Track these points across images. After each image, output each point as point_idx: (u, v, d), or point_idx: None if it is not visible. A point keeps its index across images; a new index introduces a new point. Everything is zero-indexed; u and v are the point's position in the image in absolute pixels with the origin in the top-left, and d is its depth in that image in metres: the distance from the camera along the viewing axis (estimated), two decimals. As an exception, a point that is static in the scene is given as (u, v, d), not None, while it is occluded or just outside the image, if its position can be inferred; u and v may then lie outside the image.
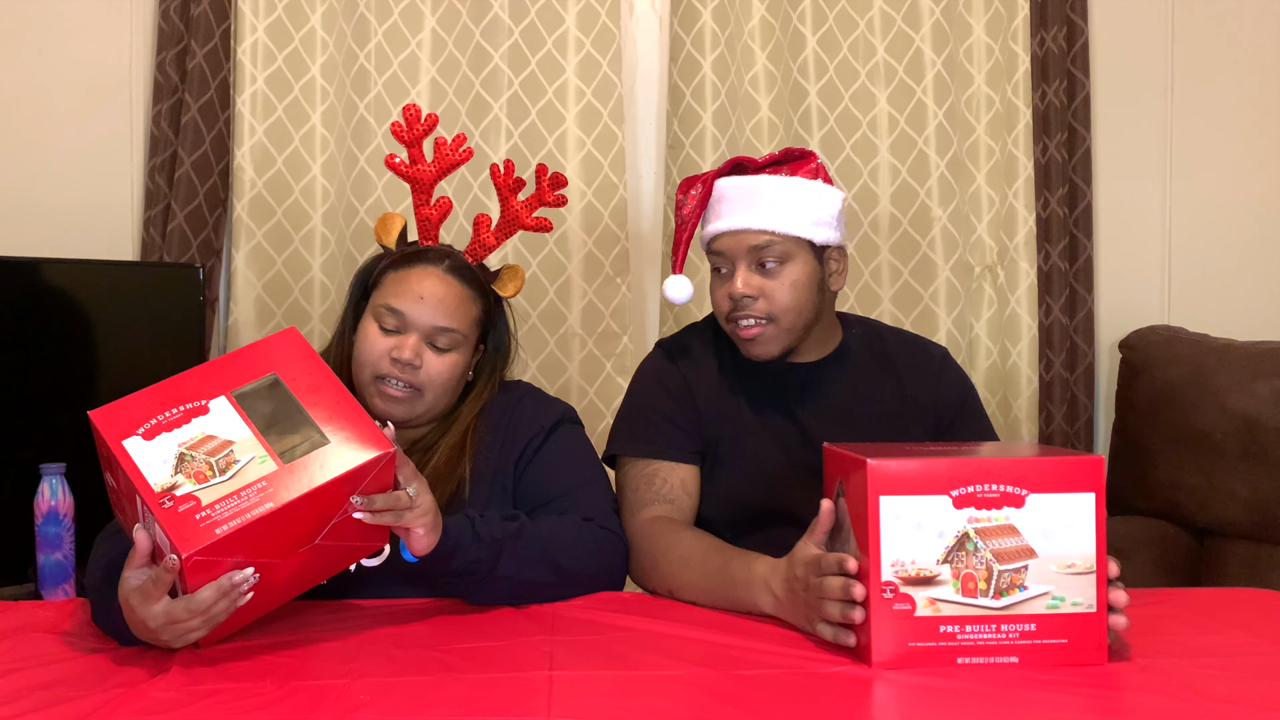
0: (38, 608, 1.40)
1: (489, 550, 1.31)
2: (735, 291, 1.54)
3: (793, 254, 1.55)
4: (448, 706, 1.02)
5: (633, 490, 1.58)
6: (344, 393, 1.20)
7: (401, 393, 1.45)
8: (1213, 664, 1.14)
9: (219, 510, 1.09)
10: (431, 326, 1.46)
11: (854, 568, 1.15)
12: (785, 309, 1.55)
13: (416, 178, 1.54)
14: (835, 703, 1.05)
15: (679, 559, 1.45)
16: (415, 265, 1.50)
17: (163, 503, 1.09)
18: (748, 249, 1.54)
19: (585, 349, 2.44)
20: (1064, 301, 2.59)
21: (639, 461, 1.59)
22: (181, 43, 2.31)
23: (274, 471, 1.12)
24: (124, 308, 2.08)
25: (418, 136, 1.54)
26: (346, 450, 1.15)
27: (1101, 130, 2.65)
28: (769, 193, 1.55)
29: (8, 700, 1.04)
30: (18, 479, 1.75)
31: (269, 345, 1.24)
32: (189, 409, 1.17)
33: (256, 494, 1.10)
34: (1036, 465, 1.14)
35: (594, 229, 2.43)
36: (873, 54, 2.53)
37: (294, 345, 1.24)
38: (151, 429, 1.15)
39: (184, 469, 1.12)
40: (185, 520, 1.08)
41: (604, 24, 2.43)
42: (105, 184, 2.36)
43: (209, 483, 1.11)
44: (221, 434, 1.15)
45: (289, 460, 1.13)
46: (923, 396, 1.65)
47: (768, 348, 1.57)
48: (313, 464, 1.13)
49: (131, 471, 1.11)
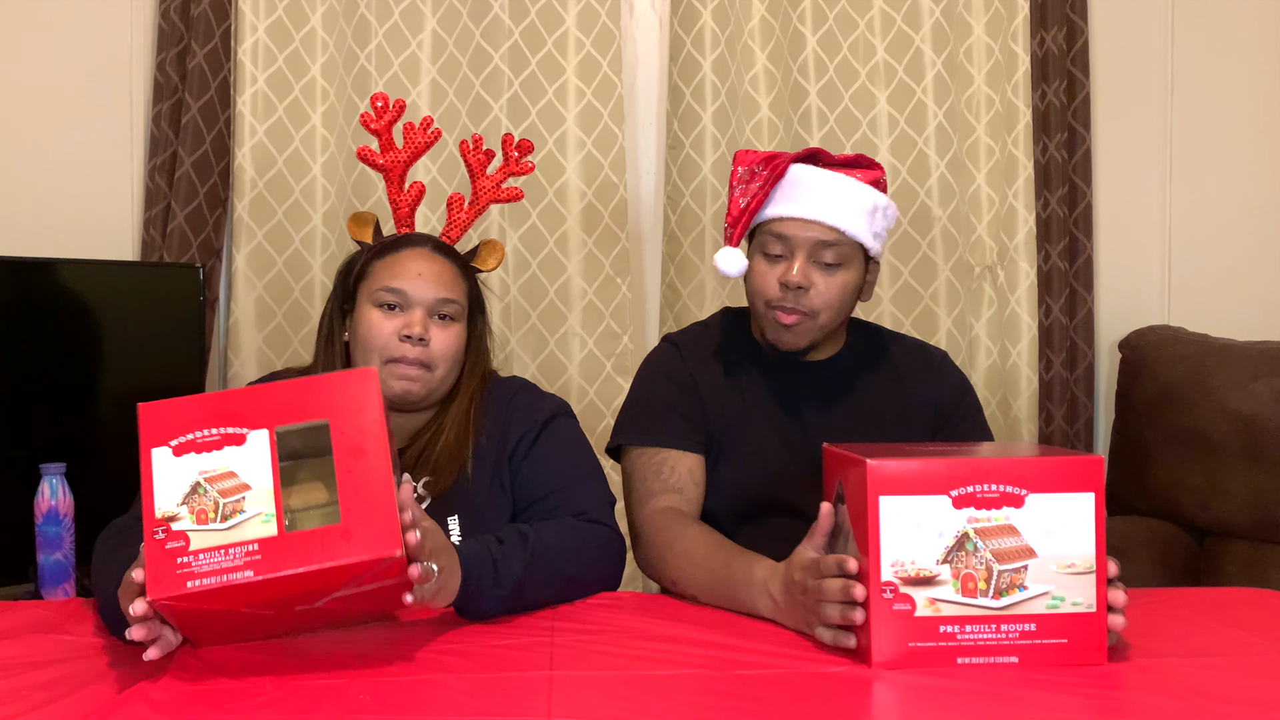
0: (38, 608, 1.40)
1: (510, 591, 1.31)
2: (791, 280, 1.54)
3: (851, 258, 1.57)
4: (448, 706, 1.02)
5: (641, 480, 1.58)
6: (385, 465, 1.10)
7: (415, 369, 1.46)
8: (1213, 664, 1.14)
9: (201, 562, 1.05)
10: (435, 299, 1.48)
11: (854, 568, 1.15)
12: (828, 306, 1.57)
13: (389, 166, 1.56)
14: (835, 703, 1.05)
15: (684, 554, 1.46)
16: (403, 249, 1.51)
17: (155, 532, 1.05)
18: (815, 242, 1.55)
19: (585, 349, 2.44)
20: (1064, 301, 2.59)
21: (647, 450, 1.60)
22: (182, 43, 2.31)
23: (271, 538, 1.06)
24: (124, 308, 2.08)
25: (387, 124, 1.56)
26: (354, 539, 1.07)
27: (1101, 130, 2.65)
28: (845, 192, 1.56)
29: (8, 700, 1.03)
30: (18, 479, 1.75)
31: (343, 382, 1.14)
32: (228, 434, 1.09)
33: (244, 557, 1.05)
34: (1036, 465, 1.14)
35: (594, 229, 2.43)
36: (873, 54, 2.53)
37: (365, 393, 1.13)
38: (183, 445, 1.09)
39: (191, 502, 1.07)
40: (166, 560, 1.04)
41: (604, 24, 2.43)
42: (105, 184, 2.36)
43: (207, 525, 1.06)
44: (244, 474, 1.08)
45: (292, 528, 1.07)
46: (923, 396, 1.67)
47: (799, 339, 1.59)
48: (313, 543, 1.06)
49: (146, 484, 1.08)
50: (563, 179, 2.43)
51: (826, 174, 1.58)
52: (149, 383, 2.10)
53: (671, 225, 2.49)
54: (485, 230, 2.40)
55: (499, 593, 1.29)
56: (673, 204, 2.49)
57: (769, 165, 1.59)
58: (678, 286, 2.48)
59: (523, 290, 2.44)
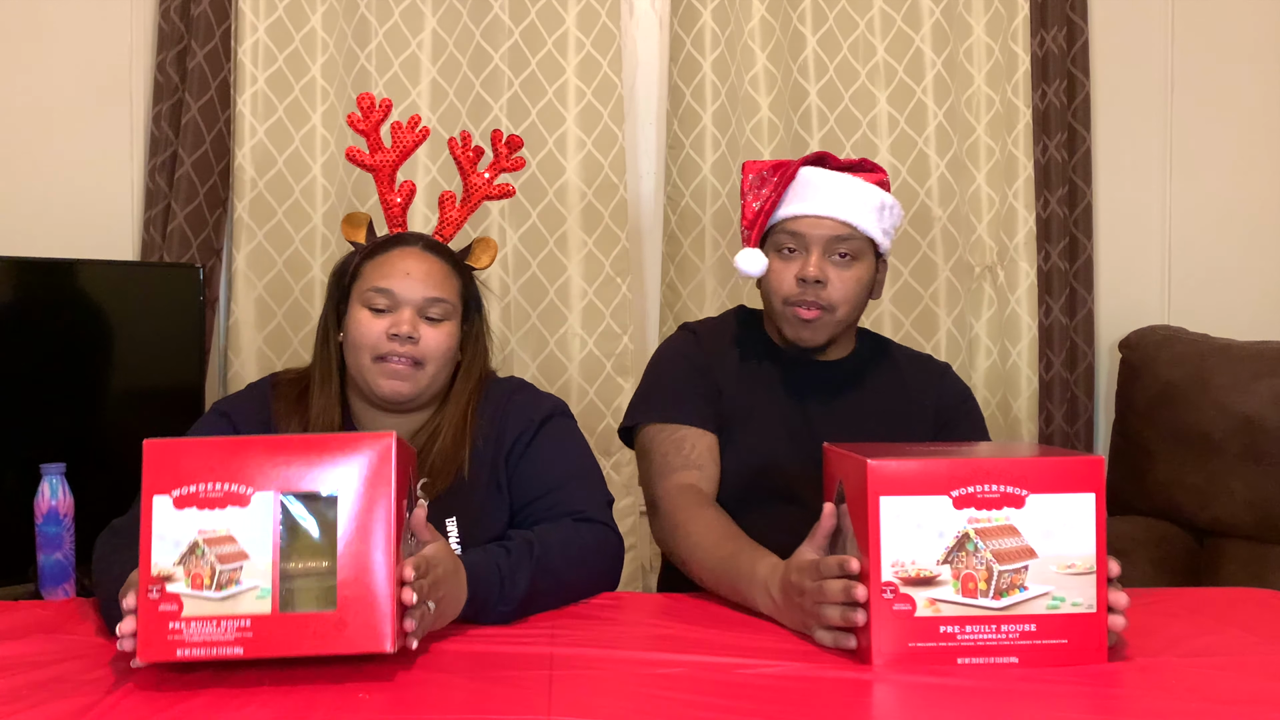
0: (38, 608, 1.40)
1: (516, 607, 1.31)
2: (808, 274, 1.58)
3: (863, 253, 1.62)
4: (448, 706, 1.02)
5: (661, 455, 1.61)
6: (390, 548, 1.07)
7: (404, 366, 1.46)
8: (1213, 663, 1.14)
9: (192, 630, 1.04)
10: (423, 299, 1.48)
11: (856, 568, 1.15)
12: (844, 300, 1.61)
13: (378, 166, 1.56)
14: (835, 703, 1.05)
15: (695, 534, 1.48)
16: (393, 249, 1.51)
17: (150, 591, 1.05)
18: (828, 238, 1.59)
19: (585, 349, 2.44)
20: (1064, 301, 2.59)
21: (666, 427, 1.62)
22: (182, 43, 2.31)
23: (265, 616, 1.04)
24: (124, 308, 2.08)
25: (374, 124, 1.56)
26: (347, 630, 1.05)
27: (1101, 130, 2.65)
28: (854, 191, 1.61)
29: (8, 700, 1.03)
30: (18, 479, 1.75)
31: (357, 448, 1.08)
32: (232, 492, 1.06)
33: (235, 632, 1.04)
34: (1036, 465, 1.14)
35: (594, 229, 2.43)
36: (873, 54, 2.53)
37: (380, 463, 1.08)
38: (184, 498, 1.06)
39: (188, 563, 1.05)
40: (158, 623, 1.04)
41: (604, 24, 2.43)
42: (105, 184, 2.36)
43: (201, 592, 1.05)
44: (243, 540, 1.05)
45: (286, 608, 1.05)
46: (925, 399, 1.70)
47: (818, 334, 1.62)
48: (305, 628, 1.05)
49: (144, 534, 1.06)
50: (563, 179, 2.42)
51: (835, 174, 1.63)
52: (149, 383, 2.11)
53: (671, 225, 2.49)
54: (485, 230, 2.40)
55: (504, 609, 1.29)
56: (673, 204, 2.49)
57: (778, 171, 1.64)
58: (678, 286, 2.48)
59: (523, 290, 2.44)
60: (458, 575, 1.23)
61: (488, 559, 1.30)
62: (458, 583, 1.23)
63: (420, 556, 1.15)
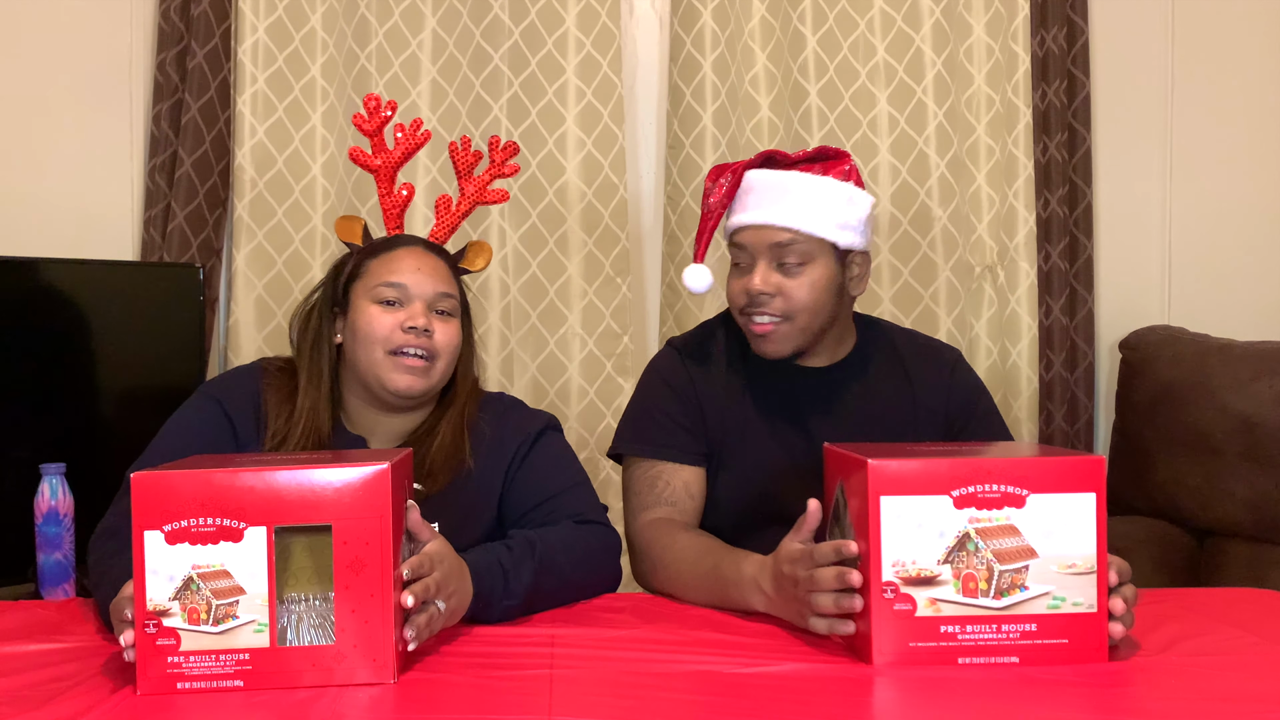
0: (38, 608, 1.40)
1: (521, 602, 1.32)
2: (753, 288, 1.52)
3: (814, 255, 1.53)
4: (448, 706, 1.02)
5: (636, 493, 1.58)
6: (386, 578, 1.06)
7: (419, 361, 1.46)
8: (1213, 663, 1.14)
9: (191, 664, 1.04)
10: (434, 293, 1.48)
11: (853, 551, 1.14)
12: (801, 309, 1.53)
13: (380, 167, 1.57)
14: (835, 702, 1.05)
15: (675, 561, 1.46)
16: (397, 247, 1.52)
17: (146, 626, 1.04)
18: (770, 245, 1.52)
19: (585, 349, 2.44)
20: (1064, 301, 2.59)
21: (643, 462, 1.59)
22: (182, 43, 2.31)
23: (263, 650, 1.05)
24: (124, 308, 2.08)
25: (379, 125, 1.56)
26: (346, 662, 1.06)
27: (1101, 130, 2.65)
28: (797, 190, 1.52)
29: (8, 700, 1.03)
30: (18, 479, 1.75)
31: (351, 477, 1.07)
32: (225, 527, 1.05)
33: (234, 665, 1.05)
34: (1037, 465, 1.14)
35: (594, 229, 2.43)
36: (873, 54, 2.53)
37: (376, 493, 1.07)
38: (176, 533, 1.04)
39: (183, 599, 1.04)
40: (156, 657, 1.04)
41: (604, 24, 2.43)
42: (105, 184, 2.36)
43: (198, 626, 1.04)
44: (238, 576, 1.05)
45: (284, 641, 1.05)
46: (933, 403, 1.63)
47: (780, 346, 1.55)
48: (304, 661, 1.06)
49: (137, 569, 1.05)
50: (563, 179, 2.42)
51: (778, 175, 1.55)
52: (149, 383, 2.10)
53: (671, 225, 2.49)
54: (485, 230, 2.41)
55: (510, 604, 1.30)
56: (673, 204, 2.49)
57: (722, 174, 1.58)
58: (678, 286, 2.48)
59: (523, 290, 2.44)
60: (462, 571, 1.24)
61: (489, 556, 1.30)
62: (463, 579, 1.23)
63: (423, 554, 1.15)
